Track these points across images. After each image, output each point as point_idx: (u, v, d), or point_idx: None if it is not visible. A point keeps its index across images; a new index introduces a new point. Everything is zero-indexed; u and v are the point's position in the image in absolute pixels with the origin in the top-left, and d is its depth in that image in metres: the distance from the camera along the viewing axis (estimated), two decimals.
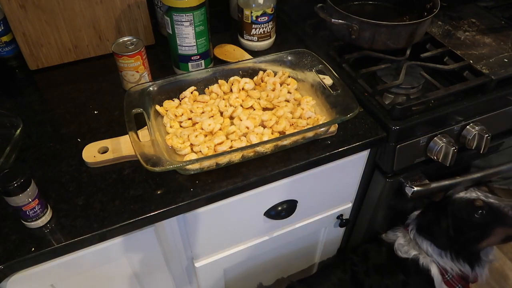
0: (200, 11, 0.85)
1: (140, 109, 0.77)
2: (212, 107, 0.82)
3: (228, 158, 0.72)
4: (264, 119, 0.79)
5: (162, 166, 0.65)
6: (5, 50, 0.95)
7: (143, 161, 0.65)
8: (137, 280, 0.85)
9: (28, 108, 0.89)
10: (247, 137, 0.76)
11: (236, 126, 0.78)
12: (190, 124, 0.80)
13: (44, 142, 0.80)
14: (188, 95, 0.84)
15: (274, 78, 0.88)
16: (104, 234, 0.67)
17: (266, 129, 0.78)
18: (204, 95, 0.86)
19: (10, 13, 0.87)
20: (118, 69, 0.88)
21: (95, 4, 0.93)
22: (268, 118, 0.79)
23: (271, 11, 0.98)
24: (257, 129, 0.77)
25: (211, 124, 0.78)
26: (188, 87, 0.85)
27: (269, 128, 0.78)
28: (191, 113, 0.81)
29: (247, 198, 0.79)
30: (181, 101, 0.84)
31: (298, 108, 0.81)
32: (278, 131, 0.78)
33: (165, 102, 0.83)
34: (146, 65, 0.90)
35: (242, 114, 0.81)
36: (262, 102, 0.84)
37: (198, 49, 0.90)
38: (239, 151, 0.72)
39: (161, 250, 0.81)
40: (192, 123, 0.80)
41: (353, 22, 0.92)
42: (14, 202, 0.61)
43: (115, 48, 0.86)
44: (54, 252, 0.65)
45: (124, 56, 0.85)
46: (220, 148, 0.74)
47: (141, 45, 0.87)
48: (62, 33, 0.94)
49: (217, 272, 0.97)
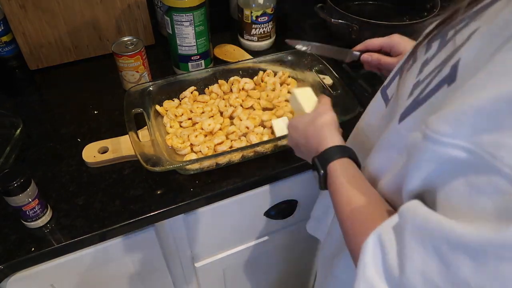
0: (200, 11, 0.85)
1: (140, 109, 0.77)
2: (212, 107, 0.82)
3: (228, 158, 0.72)
4: (264, 119, 0.79)
5: (162, 166, 0.65)
6: (5, 50, 0.95)
7: (143, 161, 0.65)
8: (137, 280, 0.85)
9: (28, 108, 0.89)
10: (247, 137, 0.76)
11: (236, 126, 0.78)
12: (190, 124, 0.80)
13: (44, 142, 0.80)
14: (188, 95, 0.84)
15: (274, 78, 0.88)
16: (104, 234, 0.67)
17: (266, 129, 0.78)
18: (204, 95, 0.86)
19: (10, 13, 0.87)
20: (118, 69, 0.88)
21: (95, 4, 0.93)
22: (268, 118, 0.79)
23: (271, 11, 0.98)
24: (257, 129, 0.77)
25: (211, 124, 0.78)
26: (188, 87, 0.85)
27: (269, 128, 0.78)
28: (191, 113, 0.81)
29: (247, 198, 0.79)
30: (181, 101, 0.84)
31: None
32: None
33: (165, 102, 0.83)
34: (146, 65, 0.90)
35: (242, 114, 0.80)
36: (262, 102, 0.84)
37: (198, 49, 0.90)
38: (239, 151, 0.72)
39: (161, 250, 0.81)
40: (192, 123, 0.80)
41: (353, 22, 0.92)
42: (14, 202, 0.61)
43: (115, 48, 0.86)
44: (54, 252, 0.65)
45: (124, 56, 0.85)
46: (220, 148, 0.74)
47: (141, 45, 0.87)
48: (62, 33, 0.94)
49: (217, 272, 0.97)
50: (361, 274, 0.34)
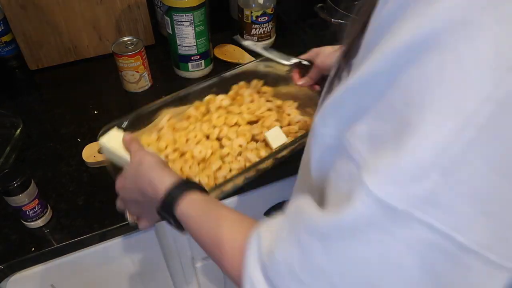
0: (200, 11, 0.85)
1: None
2: (196, 133, 0.75)
3: (232, 183, 0.68)
4: (255, 133, 0.75)
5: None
6: (5, 50, 0.95)
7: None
8: (137, 280, 0.85)
9: (28, 108, 0.89)
10: (243, 156, 0.72)
11: (228, 147, 0.73)
12: (177, 156, 0.72)
13: (44, 142, 0.80)
14: (164, 124, 0.76)
15: (249, 90, 0.83)
16: (104, 234, 0.67)
17: (260, 142, 0.74)
18: (182, 122, 0.78)
19: (10, 13, 0.87)
20: (118, 69, 0.88)
21: (95, 4, 0.93)
22: (259, 131, 0.75)
23: (271, 11, 0.98)
24: (250, 145, 0.73)
25: (201, 150, 0.71)
26: (156, 114, 0.76)
27: (262, 141, 0.75)
28: (175, 144, 0.74)
29: (247, 198, 0.79)
30: (160, 133, 0.75)
31: (284, 115, 0.79)
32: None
33: (143, 138, 0.74)
34: (146, 65, 0.90)
35: (229, 133, 0.75)
36: (246, 116, 0.78)
37: (198, 49, 0.90)
38: (242, 175, 0.68)
39: (161, 250, 0.81)
40: (179, 154, 0.73)
41: None
42: (14, 202, 0.61)
43: (115, 48, 0.86)
44: (54, 252, 0.65)
45: (124, 56, 0.85)
46: (220, 174, 0.69)
47: (141, 45, 0.87)
48: (62, 33, 0.94)
49: (217, 272, 0.97)
50: (246, 274, 0.33)
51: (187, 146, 0.73)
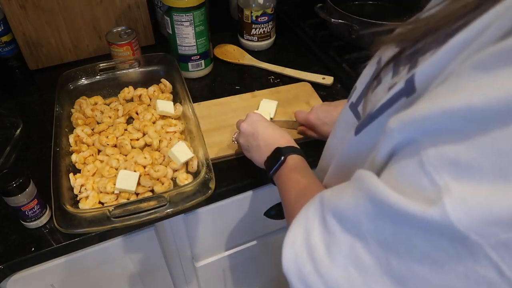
0: (200, 11, 0.85)
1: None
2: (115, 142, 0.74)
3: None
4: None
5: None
6: (5, 50, 0.95)
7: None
8: (137, 280, 0.85)
9: (28, 108, 0.89)
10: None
11: (156, 133, 0.75)
12: (112, 174, 0.70)
13: (44, 142, 0.80)
14: (81, 135, 0.75)
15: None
16: (104, 234, 0.67)
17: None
18: (87, 139, 0.75)
19: (10, 13, 0.87)
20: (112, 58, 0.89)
21: (95, 4, 0.93)
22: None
23: (271, 11, 0.98)
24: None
25: (146, 157, 0.71)
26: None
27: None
28: (109, 164, 0.71)
29: (247, 198, 0.79)
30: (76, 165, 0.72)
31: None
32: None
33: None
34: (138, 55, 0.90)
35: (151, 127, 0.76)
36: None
37: (198, 49, 0.90)
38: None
39: (161, 250, 0.81)
40: (113, 171, 0.70)
41: (353, 22, 0.92)
42: (13, 202, 0.61)
43: (108, 37, 0.86)
44: (54, 252, 0.65)
45: (114, 44, 0.84)
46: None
47: (133, 36, 0.86)
48: (62, 33, 0.94)
49: (217, 272, 0.97)
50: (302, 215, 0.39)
51: (124, 162, 0.72)
